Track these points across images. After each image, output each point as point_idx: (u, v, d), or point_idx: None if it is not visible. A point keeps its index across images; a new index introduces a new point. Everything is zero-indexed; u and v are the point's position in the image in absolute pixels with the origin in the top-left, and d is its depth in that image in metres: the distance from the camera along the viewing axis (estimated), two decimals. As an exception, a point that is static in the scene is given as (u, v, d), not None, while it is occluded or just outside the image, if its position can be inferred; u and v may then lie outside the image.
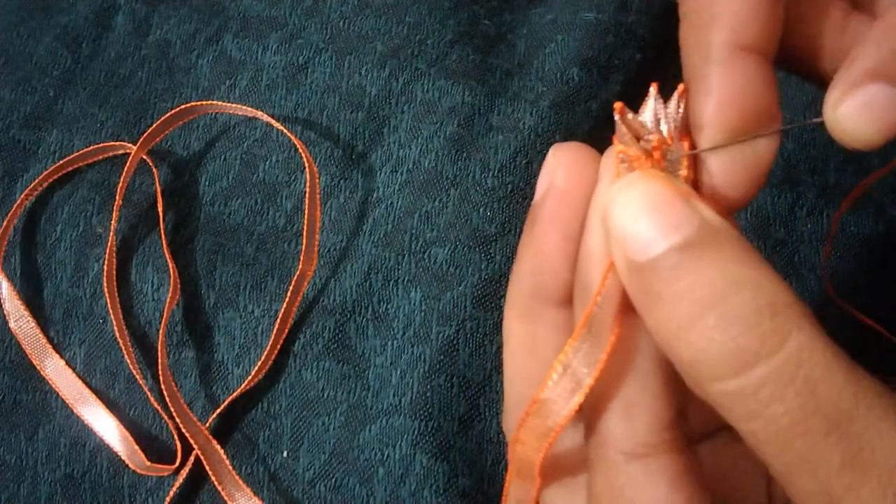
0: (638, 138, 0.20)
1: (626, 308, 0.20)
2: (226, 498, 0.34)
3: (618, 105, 0.20)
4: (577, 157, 0.22)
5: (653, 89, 0.20)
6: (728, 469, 0.23)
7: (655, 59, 0.39)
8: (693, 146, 0.20)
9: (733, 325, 0.17)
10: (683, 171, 0.20)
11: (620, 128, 0.20)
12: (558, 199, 0.22)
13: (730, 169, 0.20)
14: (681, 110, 0.20)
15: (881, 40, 0.20)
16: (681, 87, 0.20)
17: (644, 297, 0.19)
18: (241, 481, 0.34)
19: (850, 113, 0.19)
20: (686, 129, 0.20)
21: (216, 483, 0.34)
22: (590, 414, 0.21)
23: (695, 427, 0.22)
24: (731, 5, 0.20)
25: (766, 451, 0.18)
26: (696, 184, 0.20)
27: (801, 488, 0.17)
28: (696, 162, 0.20)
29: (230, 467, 0.34)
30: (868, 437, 0.17)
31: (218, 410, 0.35)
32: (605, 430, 0.20)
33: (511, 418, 0.24)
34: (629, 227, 0.19)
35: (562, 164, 0.22)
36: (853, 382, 0.17)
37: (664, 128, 0.20)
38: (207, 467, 0.34)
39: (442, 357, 0.35)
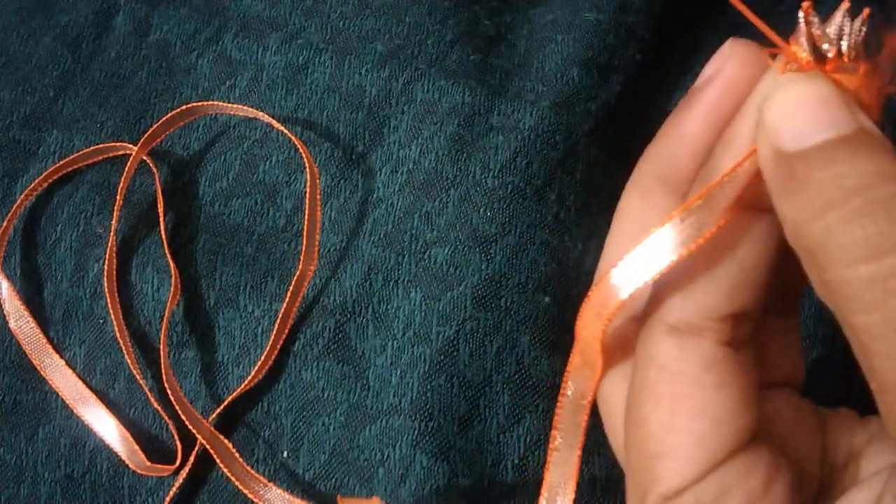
0: (815, 47, 0.20)
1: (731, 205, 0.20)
2: (242, 488, 0.33)
3: (805, 5, 0.20)
4: (751, 53, 0.22)
5: (844, 4, 0.20)
6: (787, 425, 0.23)
7: (656, 60, 0.39)
8: (869, 73, 0.20)
9: (877, 212, 0.17)
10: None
11: (801, 28, 0.20)
12: (721, 86, 0.22)
13: None
14: (863, 32, 0.20)
15: None
16: (866, 10, 0.20)
17: (786, 183, 0.19)
18: (253, 472, 0.34)
19: None
20: (861, 52, 0.20)
21: (230, 475, 0.34)
22: (654, 289, 0.21)
23: (768, 377, 0.22)
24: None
25: (878, 348, 0.17)
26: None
27: None
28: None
29: (241, 460, 0.34)
30: None
31: (218, 410, 0.35)
32: (657, 302, 0.21)
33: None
34: (787, 116, 0.19)
35: (735, 55, 0.22)
36: None
37: (844, 44, 0.20)
38: (218, 461, 0.34)
39: (442, 357, 0.35)
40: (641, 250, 0.21)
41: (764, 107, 0.20)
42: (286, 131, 0.38)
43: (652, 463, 0.21)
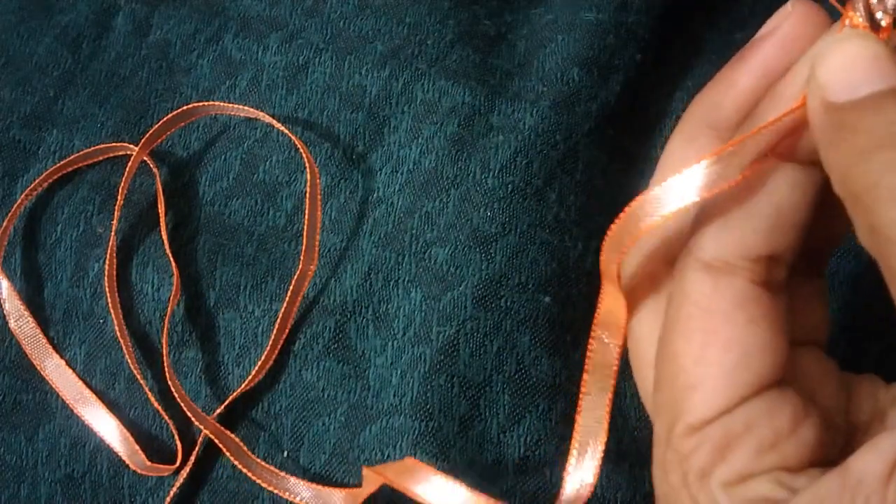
0: (871, 14, 0.21)
1: (774, 153, 0.21)
2: (255, 478, 0.33)
3: None
4: (811, 12, 0.22)
5: None
6: (812, 380, 0.23)
7: (656, 59, 0.39)
8: None
9: None
10: None
11: None
12: (777, 42, 0.23)
13: None
14: None
15: None
16: None
17: (835, 132, 0.19)
18: (263, 462, 0.34)
19: None
20: None
21: (242, 468, 0.34)
22: (693, 226, 0.22)
23: (794, 334, 0.23)
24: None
25: None
26: None
27: None
28: None
29: (249, 451, 0.34)
30: None
31: (218, 410, 0.35)
32: (694, 240, 0.22)
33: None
34: (840, 70, 0.20)
35: (795, 13, 0.23)
36: None
37: None
38: (228, 454, 0.34)
39: (442, 357, 0.35)
40: (667, 186, 0.21)
41: (817, 61, 0.20)
42: (286, 131, 0.38)
43: (681, 395, 0.21)
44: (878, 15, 0.21)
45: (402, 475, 0.29)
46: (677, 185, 0.21)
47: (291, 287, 0.35)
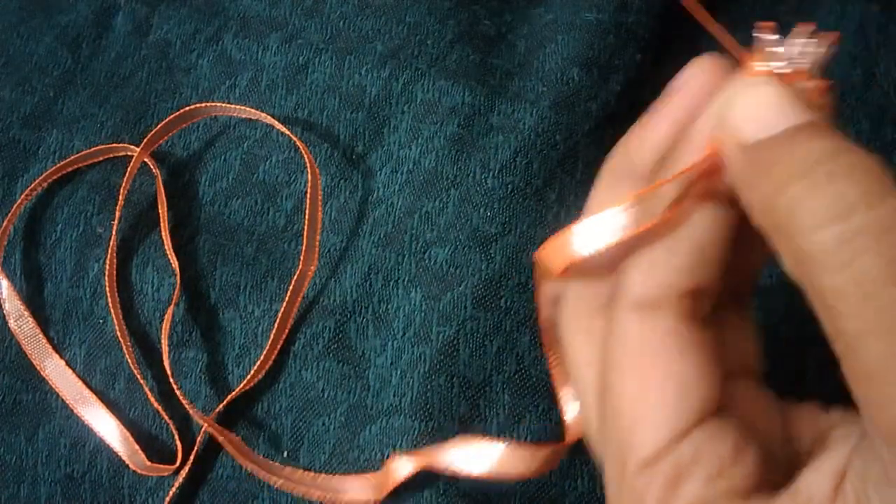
0: (772, 62, 0.22)
1: (691, 195, 0.22)
2: (261, 475, 0.33)
3: (764, 25, 0.22)
4: (719, 66, 0.24)
5: (801, 28, 0.22)
6: (748, 411, 0.24)
7: (656, 59, 0.39)
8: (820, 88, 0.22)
9: (839, 179, 0.19)
10: None
11: (764, 42, 0.22)
12: (687, 94, 0.24)
13: None
14: (822, 52, 0.22)
15: None
16: (829, 34, 0.22)
17: (752, 169, 0.21)
18: (266, 460, 0.34)
19: None
20: (816, 70, 0.22)
21: (246, 464, 0.33)
22: (621, 269, 0.23)
23: (728, 366, 0.23)
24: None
25: (844, 308, 0.18)
26: None
27: (872, 351, 0.18)
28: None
29: (249, 450, 0.34)
30: None
31: (218, 409, 0.35)
32: (623, 279, 0.22)
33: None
34: (751, 111, 0.21)
35: (703, 67, 0.24)
36: None
37: (802, 62, 0.22)
38: (232, 452, 0.34)
39: (442, 357, 0.35)
40: (588, 224, 0.23)
41: (727, 105, 0.22)
42: (286, 131, 0.38)
43: (627, 433, 0.22)
44: (781, 63, 0.22)
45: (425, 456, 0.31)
46: (599, 224, 0.22)
47: (291, 287, 0.35)
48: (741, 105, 0.21)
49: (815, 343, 0.35)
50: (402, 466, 0.32)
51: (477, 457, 0.31)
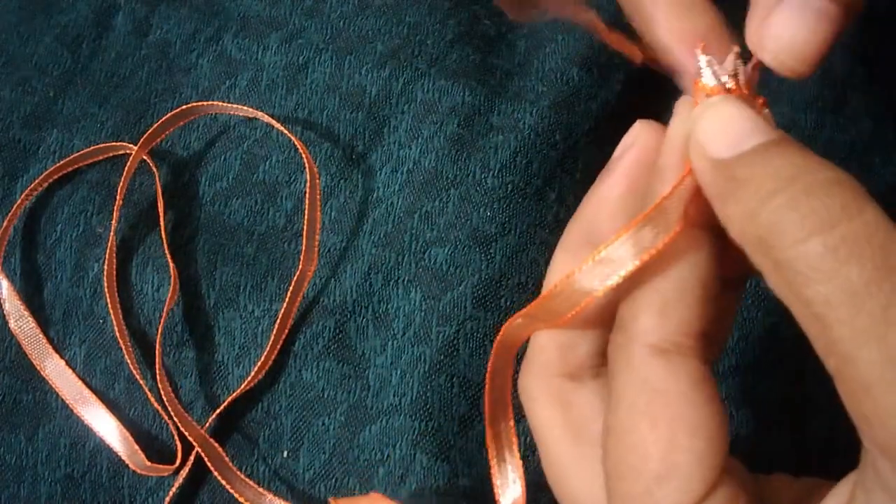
0: (718, 79, 0.23)
1: (681, 221, 0.22)
2: (235, 494, 0.34)
3: (701, 45, 0.23)
4: (658, 128, 0.24)
5: (736, 48, 0.23)
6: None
7: (656, 59, 0.39)
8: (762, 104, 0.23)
9: (819, 192, 0.19)
10: None
11: (707, 65, 0.23)
12: (637, 153, 0.24)
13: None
14: (751, 70, 0.23)
15: None
16: (755, 59, 0.23)
17: (727, 185, 0.21)
18: (244, 477, 0.34)
19: (778, 33, 0.22)
20: (753, 87, 0.23)
21: (223, 481, 0.34)
22: (623, 310, 0.22)
23: None
24: None
25: (834, 317, 0.18)
26: None
27: (866, 359, 0.18)
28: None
29: (232, 465, 0.34)
30: None
31: (218, 410, 0.35)
32: (635, 324, 0.22)
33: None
34: (719, 130, 0.21)
35: (644, 129, 0.25)
36: None
37: (741, 78, 0.23)
38: (211, 466, 0.34)
39: (442, 357, 0.34)
40: (592, 266, 0.22)
41: (694, 128, 0.22)
42: (286, 131, 0.38)
43: (654, 486, 0.21)
44: (724, 79, 0.23)
45: None
46: (604, 263, 0.22)
47: (291, 287, 0.35)
48: (707, 124, 0.22)
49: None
50: None
51: None
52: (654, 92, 0.40)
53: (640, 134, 0.25)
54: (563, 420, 0.24)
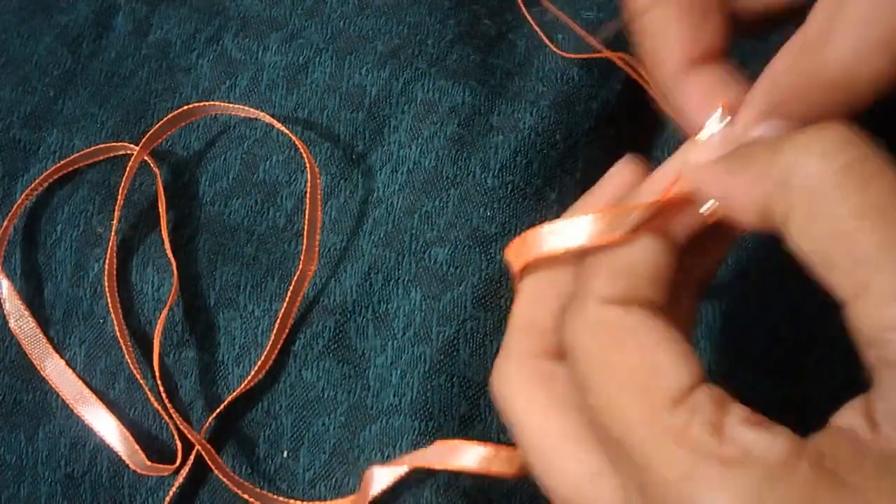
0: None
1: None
2: (238, 491, 0.34)
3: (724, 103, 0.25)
4: (639, 165, 0.26)
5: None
6: None
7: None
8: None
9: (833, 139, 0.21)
10: None
11: (716, 125, 0.25)
12: (619, 179, 0.26)
13: None
14: None
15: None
16: None
17: (732, 160, 0.23)
18: (240, 479, 0.34)
19: None
20: None
21: (225, 480, 0.34)
22: (578, 282, 0.24)
23: None
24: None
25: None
26: None
27: (881, 280, 0.19)
28: None
29: (229, 470, 0.34)
30: None
31: (218, 410, 0.35)
32: (587, 285, 0.23)
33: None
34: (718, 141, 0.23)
35: (630, 165, 0.26)
36: None
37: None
38: (211, 465, 0.34)
39: (442, 357, 0.34)
40: (557, 228, 0.24)
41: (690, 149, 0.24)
42: (286, 131, 0.38)
43: (645, 382, 0.22)
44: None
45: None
46: (569, 227, 0.24)
47: (291, 287, 0.35)
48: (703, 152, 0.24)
49: (815, 343, 0.35)
50: (379, 478, 0.32)
51: (454, 458, 0.30)
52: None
53: (624, 169, 0.26)
54: (546, 398, 0.25)
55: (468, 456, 0.30)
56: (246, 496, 0.34)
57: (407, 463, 0.32)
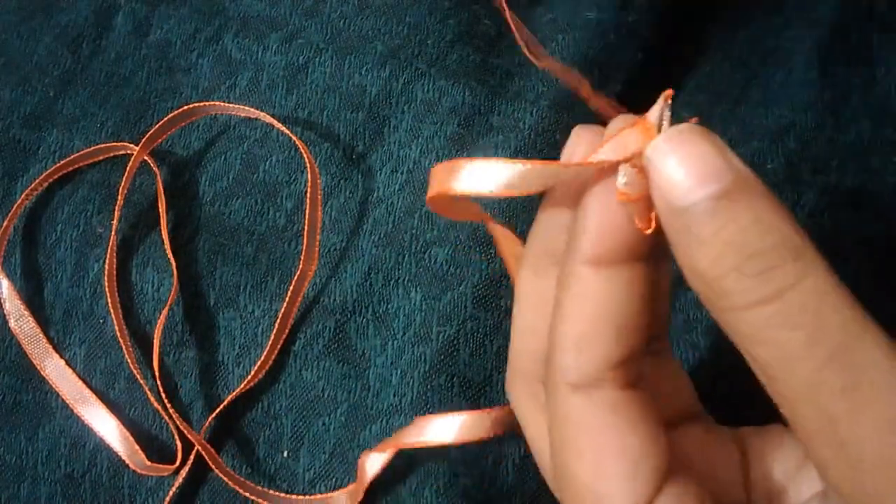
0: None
1: (600, 256, 0.22)
2: (239, 489, 0.34)
3: (669, 92, 0.22)
4: (596, 133, 0.23)
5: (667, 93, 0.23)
6: (698, 459, 0.25)
7: (656, 59, 0.39)
8: None
9: (761, 261, 0.20)
10: None
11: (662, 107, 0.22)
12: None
13: None
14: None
15: None
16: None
17: (682, 236, 0.21)
18: (241, 478, 0.34)
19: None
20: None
21: (226, 479, 0.34)
22: (549, 349, 0.23)
23: (668, 415, 0.24)
24: None
25: (775, 375, 0.20)
26: None
27: (804, 415, 0.19)
28: None
29: (226, 467, 0.34)
30: (866, 368, 0.19)
31: (218, 410, 0.35)
32: (556, 362, 0.22)
33: (515, 370, 0.26)
34: (672, 175, 0.21)
35: (585, 134, 0.24)
36: (857, 321, 0.19)
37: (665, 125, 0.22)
38: (211, 465, 0.34)
39: (442, 357, 0.34)
40: (480, 165, 0.22)
41: (650, 164, 0.21)
42: (286, 131, 0.38)
43: (609, 489, 0.22)
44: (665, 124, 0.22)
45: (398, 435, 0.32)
46: (491, 168, 0.22)
47: (291, 287, 0.35)
48: (660, 167, 0.21)
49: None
50: (373, 463, 0.33)
51: (439, 430, 0.31)
52: (656, 91, 0.40)
53: (579, 143, 0.24)
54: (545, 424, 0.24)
55: (446, 428, 0.30)
56: (246, 494, 0.34)
57: (392, 446, 0.32)
